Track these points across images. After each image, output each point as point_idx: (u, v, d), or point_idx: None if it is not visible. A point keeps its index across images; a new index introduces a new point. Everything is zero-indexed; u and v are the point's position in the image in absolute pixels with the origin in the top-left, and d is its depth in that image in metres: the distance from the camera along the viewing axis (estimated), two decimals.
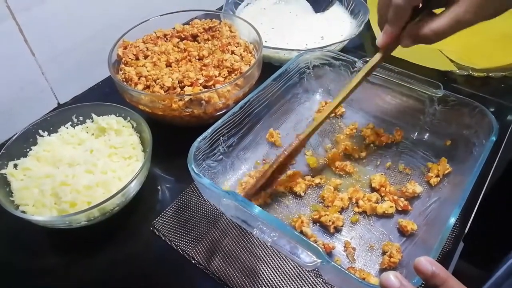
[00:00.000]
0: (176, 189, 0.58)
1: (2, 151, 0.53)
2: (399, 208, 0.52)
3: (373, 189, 0.55)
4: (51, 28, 0.65)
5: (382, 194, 0.53)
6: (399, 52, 0.75)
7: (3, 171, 0.52)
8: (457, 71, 0.73)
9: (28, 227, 0.50)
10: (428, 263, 0.33)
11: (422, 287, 0.44)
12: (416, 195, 0.53)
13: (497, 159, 0.59)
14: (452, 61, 0.75)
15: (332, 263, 0.38)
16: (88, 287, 0.48)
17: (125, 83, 0.60)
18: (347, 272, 0.38)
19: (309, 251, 0.39)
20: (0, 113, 0.63)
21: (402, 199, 0.52)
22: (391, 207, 0.51)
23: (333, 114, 0.64)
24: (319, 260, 0.38)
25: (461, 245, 0.52)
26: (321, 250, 0.38)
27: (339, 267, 0.38)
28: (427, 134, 0.60)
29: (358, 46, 0.83)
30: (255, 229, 0.42)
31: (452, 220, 0.42)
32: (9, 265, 0.51)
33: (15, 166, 0.53)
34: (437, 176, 0.55)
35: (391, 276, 0.33)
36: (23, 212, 0.48)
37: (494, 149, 0.59)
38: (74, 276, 0.49)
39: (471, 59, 0.75)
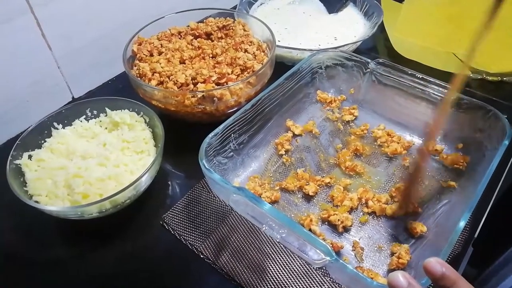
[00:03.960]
0: (186, 185, 0.58)
1: (17, 142, 0.53)
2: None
3: (383, 190, 0.55)
4: (68, 24, 0.66)
5: (393, 195, 0.53)
6: (413, 54, 0.75)
7: (18, 162, 0.52)
8: (471, 75, 0.72)
9: (41, 217, 0.51)
10: (438, 264, 0.33)
11: (430, 286, 0.44)
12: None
13: (509, 164, 0.59)
14: None
15: (341, 261, 0.38)
16: (98, 279, 0.49)
17: (139, 78, 0.60)
18: (355, 270, 0.38)
19: (318, 248, 0.39)
20: (16, 105, 0.65)
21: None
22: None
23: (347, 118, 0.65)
24: (327, 258, 0.38)
25: (471, 249, 0.52)
26: (329, 247, 0.38)
27: (347, 265, 0.38)
28: (439, 136, 0.60)
29: (371, 48, 0.83)
30: (264, 225, 0.42)
31: (462, 224, 0.42)
32: (20, 255, 0.51)
33: (30, 157, 0.54)
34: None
35: (399, 276, 0.33)
36: (37, 202, 0.49)
37: (506, 154, 0.59)
38: (84, 268, 0.50)
39: (485, 63, 0.74)
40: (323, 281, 0.46)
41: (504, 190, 0.58)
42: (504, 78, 0.72)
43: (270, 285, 0.46)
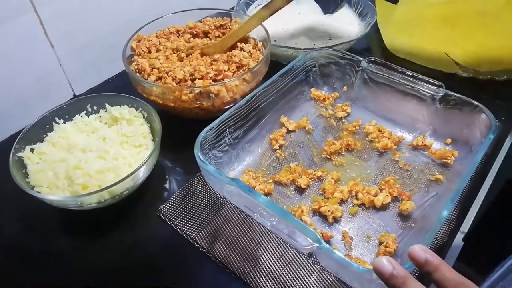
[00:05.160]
0: (183, 180, 0.60)
1: (20, 135, 0.55)
2: (403, 197, 0.54)
3: (373, 183, 0.56)
4: (71, 22, 0.68)
5: (383, 188, 0.55)
6: (405, 53, 0.77)
7: (20, 154, 0.54)
8: (461, 73, 0.74)
9: (42, 208, 0.53)
10: (421, 251, 0.35)
11: (415, 272, 0.45)
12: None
13: (499, 164, 0.60)
14: (457, 63, 0.76)
15: (328, 246, 0.40)
16: (97, 267, 0.51)
17: (137, 74, 0.62)
18: (342, 256, 0.39)
19: (307, 235, 0.40)
20: (20, 101, 0.67)
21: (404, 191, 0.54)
22: (386, 196, 0.52)
23: (340, 115, 0.67)
24: (316, 244, 0.40)
25: (461, 244, 0.53)
26: (317, 234, 0.40)
27: (334, 251, 0.40)
28: (428, 132, 0.61)
29: (366, 48, 0.85)
30: (255, 213, 0.44)
31: (445, 213, 0.43)
32: (22, 244, 0.53)
33: (32, 150, 0.56)
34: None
35: (384, 260, 0.35)
36: (38, 192, 0.51)
37: (494, 149, 0.61)
38: (84, 256, 0.51)
39: (476, 62, 0.76)
40: (313, 269, 0.48)
41: (498, 192, 0.59)
42: (494, 77, 0.73)
43: (262, 273, 0.48)
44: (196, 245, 0.51)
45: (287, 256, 0.49)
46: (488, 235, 0.80)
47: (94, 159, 0.54)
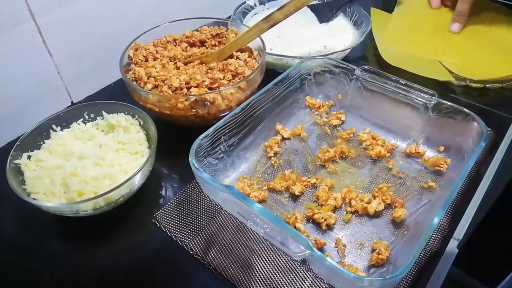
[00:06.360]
0: (178, 187, 0.60)
1: (17, 143, 0.56)
2: (396, 204, 0.54)
3: (367, 190, 0.57)
4: (69, 31, 0.69)
5: (376, 195, 0.55)
6: (399, 62, 0.78)
7: (17, 161, 0.55)
8: (455, 82, 0.75)
9: (39, 214, 0.53)
10: None
11: (409, 277, 0.46)
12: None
13: (494, 170, 0.61)
14: (451, 72, 0.77)
15: (319, 253, 0.40)
16: (93, 271, 0.51)
17: (134, 82, 0.63)
18: (333, 263, 0.40)
19: (298, 242, 0.41)
20: (18, 109, 0.67)
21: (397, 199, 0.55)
22: (379, 203, 0.53)
23: (334, 123, 0.67)
24: (308, 251, 0.41)
25: (455, 251, 0.54)
26: (309, 241, 0.41)
27: (326, 258, 0.40)
28: (421, 140, 0.62)
29: (361, 56, 0.86)
30: (249, 221, 0.44)
31: (436, 220, 0.44)
32: (18, 248, 0.54)
33: (29, 157, 0.56)
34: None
35: None
36: (34, 199, 0.51)
37: (487, 157, 0.61)
38: (79, 262, 0.52)
39: (470, 71, 0.77)
40: (306, 276, 0.49)
41: (495, 201, 0.60)
42: (487, 85, 0.74)
43: (255, 279, 0.48)
44: (191, 252, 0.52)
45: (281, 263, 0.50)
46: (484, 242, 0.81)
47: (90, 166, 0.54)
